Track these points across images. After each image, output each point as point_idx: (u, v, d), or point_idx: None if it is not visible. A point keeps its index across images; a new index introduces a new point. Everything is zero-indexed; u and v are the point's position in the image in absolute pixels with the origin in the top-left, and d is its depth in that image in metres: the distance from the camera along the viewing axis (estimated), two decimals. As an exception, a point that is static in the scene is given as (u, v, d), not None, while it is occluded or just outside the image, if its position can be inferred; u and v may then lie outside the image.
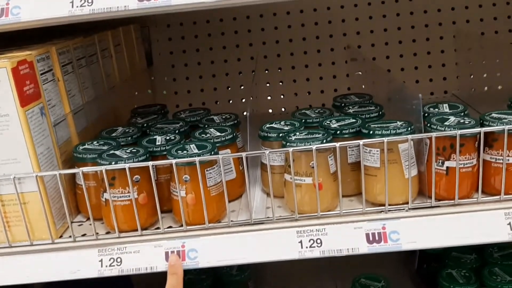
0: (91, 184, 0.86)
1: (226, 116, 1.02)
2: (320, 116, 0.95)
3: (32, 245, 0.82)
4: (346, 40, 1.43)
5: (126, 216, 0.81)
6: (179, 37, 1.46)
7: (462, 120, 0.81)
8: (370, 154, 0.81)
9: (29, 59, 0.80)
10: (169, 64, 1.48)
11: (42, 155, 0.81)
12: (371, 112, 0.93)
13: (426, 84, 1.45)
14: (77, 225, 0.88)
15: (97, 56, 1.08)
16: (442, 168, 0.80)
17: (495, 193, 0.80)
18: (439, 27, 1.43)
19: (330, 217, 0.81)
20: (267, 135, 0.89)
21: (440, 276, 1.06)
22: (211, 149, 0.82)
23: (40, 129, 0.81)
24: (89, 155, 0.84)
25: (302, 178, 0.81)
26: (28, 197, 0.80)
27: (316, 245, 0.79)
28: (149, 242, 0.81)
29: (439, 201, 0.81)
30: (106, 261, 0.80)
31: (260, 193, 0.94)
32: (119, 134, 0.94)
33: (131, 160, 0.79)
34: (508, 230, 0.78)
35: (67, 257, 0.81)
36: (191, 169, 0.80)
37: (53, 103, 0.86)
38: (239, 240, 0.80)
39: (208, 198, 0.81)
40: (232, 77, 1.48)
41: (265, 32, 1.45)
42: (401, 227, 0.79)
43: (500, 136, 0.78)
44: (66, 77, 0.92)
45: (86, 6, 0.77)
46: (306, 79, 1.47)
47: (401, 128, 0.80)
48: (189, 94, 1.49)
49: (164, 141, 0.88)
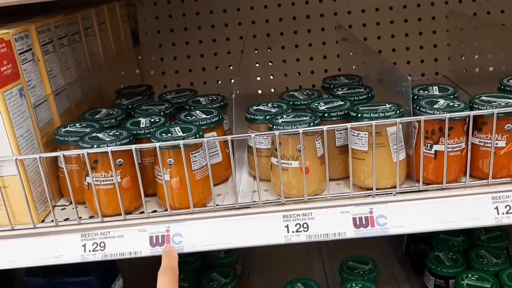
0: (74, 167, 0.84)
1: (212, 98, 1.00)
2: (309, 98, 0.93)
3: (13, 230, 0.80)
4: (337, 20, 1.41)
5: (109, 200, 0.80)
6: (167, 15, 1.42)
7: (452, 103, 0.80)
8: (358, 138, 0.79)
9: (6, 38, 0.77)
10: (156, 43, 1.44)
11: (22, 137, 0.79)
12: (360, 94, 0.91)
13: (417, 65, 1.44)
14: (60, 209, 0.87)
15: (80, 35, 1.05)
16: (430, 152, 0.78)
17: (483, 177, 0.79)
18: (431, 7, 1.40)
19: (317, 201, 0.80)
20: (253, 117, 0.87)
21: (428, 258, 1.06)
22: (196, 132, 0.80)
23: (20, 111, 0.79)
24: (71, 137, 0.82)
25: (288, 161, 0.80)
26: (8, 181, 0.78)
27: (302, 230, 0.78)
28: (133, 227, 0.79)
29: (427, 185, 0.80)
30: (89, 245, 0.79)
31: (247, 176, 0.93)
32: (102, 116, 0.92)
33: (114, 143, 0.78)
34: (495, 214, 0.77)
35: (49, 241, 0.79)
36: (176, 153, 0.78)
37: (33, 84, 0.84)
38: (225, 225, 0.79)
39: (193, 182, 0.79)
40: (221, 57, 1.45)
41: (255, 11, 1.42)
42: (389, 211, 0.78)
43: (489, 119, 0.76)
44: (47, 56, 0.89)
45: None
46: (296, 60, 1.45)
47: (390, 111, 0.78)
48: (177, 74, 1.47)
49: (149, 124, 0.86)
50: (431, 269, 1.05)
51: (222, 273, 1.11)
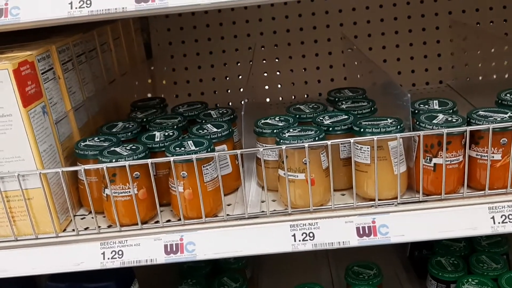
0: (93, 180, 0.89)
1: (223, 111, 1.04)
2: (314, 111, 0.98)
3: (37, 239, 0.86)
4: (343, 30, 1.45)
5: (126, 211, 0.85)
6: (178, 27, 1.47)
7: (450, 118, 0.84)
8: (361, 151, 0.84)
9: (30, 59, 0.83)
10: (168, 55, 1.50)
11: (45, 152, 0.84)
12: (364, 108, 0.95)
13: (421, 74, 1.47)
14: (79, 218, 0.92)
15: (97, 51, 1.10)
16: (429, 164, 0.83)
17: (480, 188, 0.83)
18: (435, 17, 1.44)
19: (322, 212, 0.84)
20: (261, 131, 0.92)
21: (430, 264, 1.10)
22: (207, 146, 0.85)
23: (43, 128, 0.84)
24: (90, 151, 0.87)
25: (295, 174, 0.84)
26: (32, 193, 0.84)
27: (308, 239, 0.83)
28: (149, 236, 0.84)
29: (427, 196, 0.84)
30: (108, 253, 0.84)
31: (255, 186, 0.97)
32: (119, 130, 0.97)
33: (131, 157, 0.83)
34: (491, 223, 0.81)
35: (70, 250, 0.85)
36: (189, 166, 0.83)
37: (54, 101, 0.89)
38: (235, 233, 0.84)
39: (204, 193, 0.84)
40: (230, 67, 1.50)
41: (263, 22, 1.46)
42: (390, 221, 0.82)
43: (485, 134, 0.80)
44: (67, 74, 0.94)
45: (85, 7, 0.79)
46: (303, 69, 1.49)
47: (391, 126, 0.82)
48: (188, 84, 1.52)
49: (163, 137, 0.91)
50: (433, 274, 1.09)
51: (233, 278, 1.16)
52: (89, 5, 0.79)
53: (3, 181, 0.82)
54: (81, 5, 0.79)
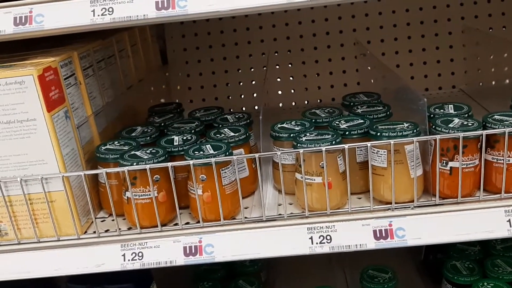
0: (113, 183, 0.91)
1: (239, 116, 1.06)
2: (330, 116, 0.99)
3: (59, 240, 0.87)
4: (355, 36, 1.46)
5: (146, 213, 0.86)
6: (193, 34, 1.50)
7: (466, 122, 0.85)
8: (378, 155, 0.85)
9: (54, 65, 0.85)
10: (183, 61, 1.52)
11: (67, 156, 0.86)
12: (379, 112, 0.97)
13: (434, 78, 1.48)
14: (100, 220, 0.94)
15: (115, 57, 1.12)
16: (446, 168, 0.83)
17: (496, 191, 0.84)
18: (448, 22, 1.45)
19: (339, 215, 0.85)
20: (278, 135, 0.93)
21: (445, 268, 1.11)
22: (226, 149, 0.86)
23: (65, 132, 0.86)
24: (111, 155, 0.89)
25: (312, 177, 0.85)
26: (55, 196, 0.86)
27: (325, 241, 0.84)
28: (168, 238, 0.86)
29: (443, 199, 0.85)
30: (128, 255, 0.86)
31: (272, 189, 0.99)
32: (138, 134, 0.99)
33: (152, 161, 0.84)
34: (507, 226, 0.82)
35: (92, 251, 0.86)
36: (207, 169, 0.84)
37: (76, 106, 0.91)
38: (253, 236, 0.85)
39: (223, 196, 0.86)
40: (244, 73, 1.52)
41: (276, 28, 1.48)
42: (407, 224, 0.83)
43: (501, 137, 0.81)
44: (88, 80, 0.96)
45: (107, 15, 0.81)
46: (316, 74, 1.51)
47: (407, 130, 0.83)
48: (202, 90, 1.54)
49: (182, 141, 0.93)
50: (448, 278, 1.09)
51: (248, 281, 1.17)
52: (111, 13, 0.81)
53: (26, 184, 0.84)
54: (103, 13, 0.81)
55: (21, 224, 0.87)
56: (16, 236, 0.87)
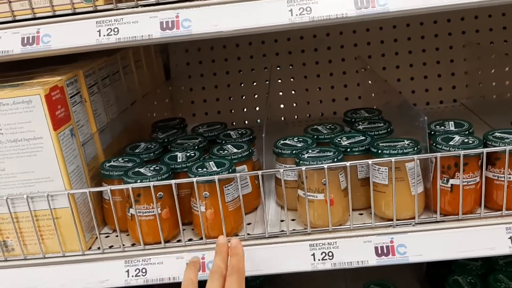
0: (117, 199, 0.92)
1: (242, 132, 1.07)
2: (331, 132, 1.00)
3: (64, 256, 0.88)
4: (357, 51, 1.48)
5: (150, 230, 0.87)
6: (196, 48, 1.51)
7: (466, 139, 0.86)
8: (379, 172, 0.86)
9: (60, 84, 0.87)
10: (186, 75, 1.53)
11: (73, 173, 0.87)
12: (380, 129, 0.98)
13: (435, 93, 1.49)
14: (104, 236, 0.95)
15: (120, 74, 1.14)
16: (447, 185, 0.84)
17: (497, 208, 0.85)
18: (449, 37, 1.46)
19: (341, 231, 0.86)
20: (281, 151, 0.94)
21: (447, 283, 1.11)
22: (229, 166, 0.88)
23: (71, 149, 0.87)
24: (115, 172, 0.90)
25: (314, 194, 0.86)
26: (60, 213, 0.87)
27: (328, 258, 0.85)
28: (171, 254, 0.87)
29: (444, 216, 0.86)
30: (132, 271, 0.87)
31: (274, 205, 1.00)
32: (142, 150, 1.00)
33: (155, 178, 0.85)
34: (509, 243, 0.82)
35: (96, 267, 0.87)
36: (211, 186, 0.85)
37: (81, 124, 0.93)
38: (255, 252, 0.86)
39: (226, 213, 0.87)
40: (247, 87, 1.53)
41: (278, 43, 1.50)
42: (408, 240, 0.84)
43: (502, 155, 0.82)
44: (92, 97, 0.98)
45: (113, 35, 0.83)
46: (318, 88, 1.52)
47: (408, 148, 0.84)
48: (205, 103, 1.55)
49: (185, 158, 0.94)
50: (450, 293, 1.10)
51: (251, 295, 1.17)
52: (116, 33, 0.83)
53: (33, 201, 0.86)
54: (109, 33, 0.83)
55: (27, 240, 0.88)
56: (22, 251, 0.88)
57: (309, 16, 0.79)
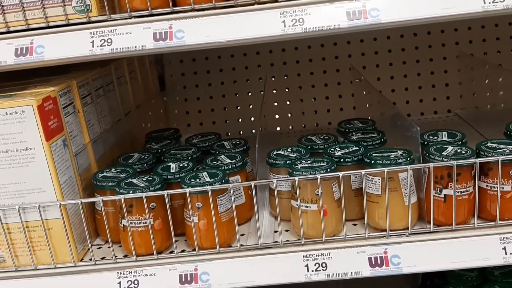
0: (110, 210, 0.92)
1: (236, 142, 1.07)
2: (325, 142, 1.00)
3: (55, 268, 0.87)
4: (351, 61, 1.48)
5: (142, 241, 0.87)
6: (190, 59, 1.52)
7: (459, 149, 0.86)
8: (372, 182, 0.85)
9: (53, 95, 0.87)
10: (180, 85, 1.54)
11: (65, 184, 0.87)
12: (374, 139, 0.98)
13: (429, 103, 1.50)
14: (96, 248, 0.94)
15: (113, 85, 1.14)
16: (440, 195, 0.84)
17: (491, 218, 0.85)
18: (442, 48, 1.47)
19: (335, 242, 0.86)
20: (274, 162, 0.94)
21: (442, 294, 1.11)
22: (222, 177, 0.87)
23: (63, 160, 0.87)
24: (108, 183, 0.90)
25: (307, 204, 0.86)
26: (52, 224, 0.86)
27: (321, 269, 0.84)
28: (164, 266, 0.86)
29: (438, 227, 0.85)
30: (124, 283, 0.86)
31: (268, 216, 0.99)
32: (135, 161, 1.00)
33: (148, 189, 0.85)
34: (503, 254, 0.82)
35: (88, 279, 0.86)
36: (203, 197, 0.85)
37: (74, 134, 0.92)
38: (249, 264, 0.85)
39: (219, 224, 0.86)
40: (241, 97, 1.53)
41: (273, 54, 1.50)
42: (402, 251, 0.84)
43: (495, 165, 0.82)
44: (86, 108, 0.98)
45: (106, 46, 0.83)
46: (312, 99, 1.52)
47: (401, 158, 0.84)
48: (200, 114, 1.55)
49: (178, 169, 0.94)
50: (446, 304, 1.09)
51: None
52: (110, 44, 0.83)
53: (24, 211, 0.85)
54: (102, 44, 0.83)
55: (18, 251, 0.88)
56: (13, 263, 0.87)
57: (301, 27, 0.79)
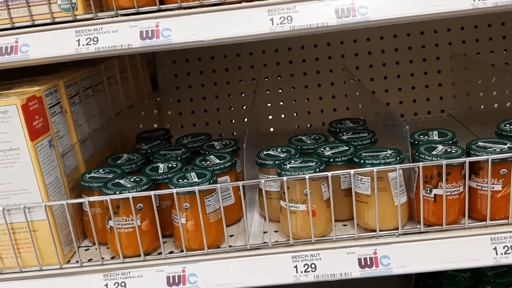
0: (97, 211, 0.90)
1: (226, 142, 1.06)
2: (315, 142, 0.99)
3: (41, 270, 0.86)
4: (344, 62, 1.47)
5: (130, 242, 0.86)
6: (183, 60, 1.51)
7: (449, 149, 0.85)
8: (361, 182, 0.85)
9: (38, 94, 0.86)
10: (173, 86, 1.53)
11: (51, 185, 0.86)
12: (364, 139, 0.97)
13: (423, 103, 1.49)
14: (83, 249, 0.93)
15: (104, 85, 1.13)
16: (430, 195, 0.83)
17: (482, 218, 0.84)
18: (436, 48, 1.46)
19: (324, 243, 0.85)
20: (263, 162, 0.93)
21: (435, 295, 1.09)
22: (210, 177, 0.86)
23: (49, 160, 0.86)
24: (95, 183, 0.89)
25: (296, 205, 0.85)
26: (38, 225, 0.85)
27: (310, 270, 0.83)
28: (151, 267, 0.85)
29: (428, 227, 0.84)
30: (111, 285, 0.85)
31: (257, 216, 0.98)
32: (124, 161, 0.99)
33: (135, 189, 0.84)
34: (493, 254, 0.81)
35: (74, 281, 0.85)
36: (191, 198, 0.84)
37: (61, 134, 0.91)
38: (237, 265, 0.84)
39: (207, 225, 0.85)
40: (235, 98, 1.53)
41: (266, 54, 1.49)
42: (392, 252, 0.83)
43: (485, 165, 0.81)
44: (74, 108, 0.97)
45: (92, 44, 0.82)
46: (306, 99, 1.51)
47: (391, 158, 0.83)
48: (193, 115, 1.54)
49: (167, 169, 0.93)
50: (439, 305, 1.08)
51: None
52: (95, 42, 0.82)
53: (9, 213, 0.84)
54: (88, 42, 0.82)
55: (3, 253, 0.86)
56: (-2, 265, 0.86)
57: (290, 25, 0.78)
